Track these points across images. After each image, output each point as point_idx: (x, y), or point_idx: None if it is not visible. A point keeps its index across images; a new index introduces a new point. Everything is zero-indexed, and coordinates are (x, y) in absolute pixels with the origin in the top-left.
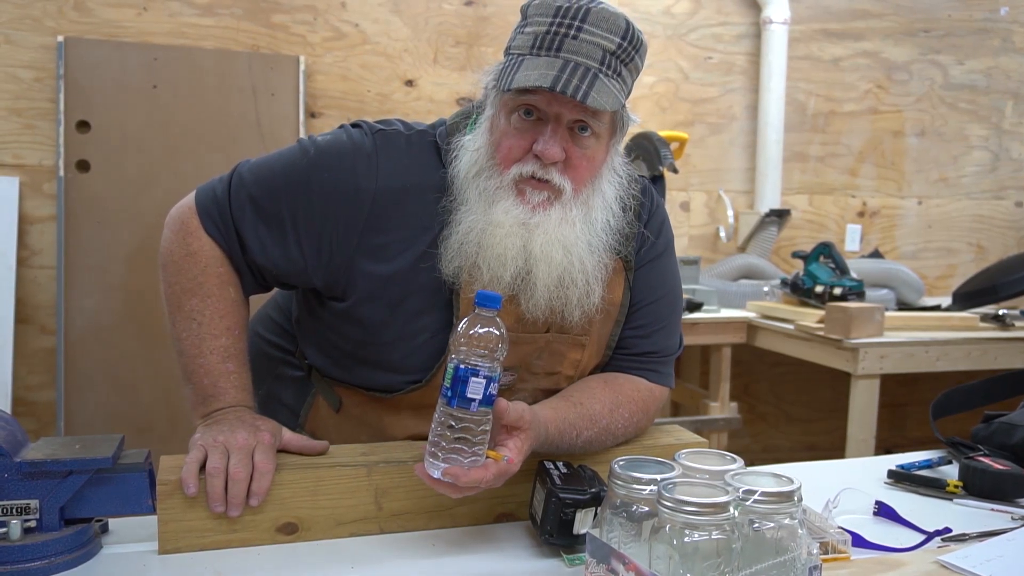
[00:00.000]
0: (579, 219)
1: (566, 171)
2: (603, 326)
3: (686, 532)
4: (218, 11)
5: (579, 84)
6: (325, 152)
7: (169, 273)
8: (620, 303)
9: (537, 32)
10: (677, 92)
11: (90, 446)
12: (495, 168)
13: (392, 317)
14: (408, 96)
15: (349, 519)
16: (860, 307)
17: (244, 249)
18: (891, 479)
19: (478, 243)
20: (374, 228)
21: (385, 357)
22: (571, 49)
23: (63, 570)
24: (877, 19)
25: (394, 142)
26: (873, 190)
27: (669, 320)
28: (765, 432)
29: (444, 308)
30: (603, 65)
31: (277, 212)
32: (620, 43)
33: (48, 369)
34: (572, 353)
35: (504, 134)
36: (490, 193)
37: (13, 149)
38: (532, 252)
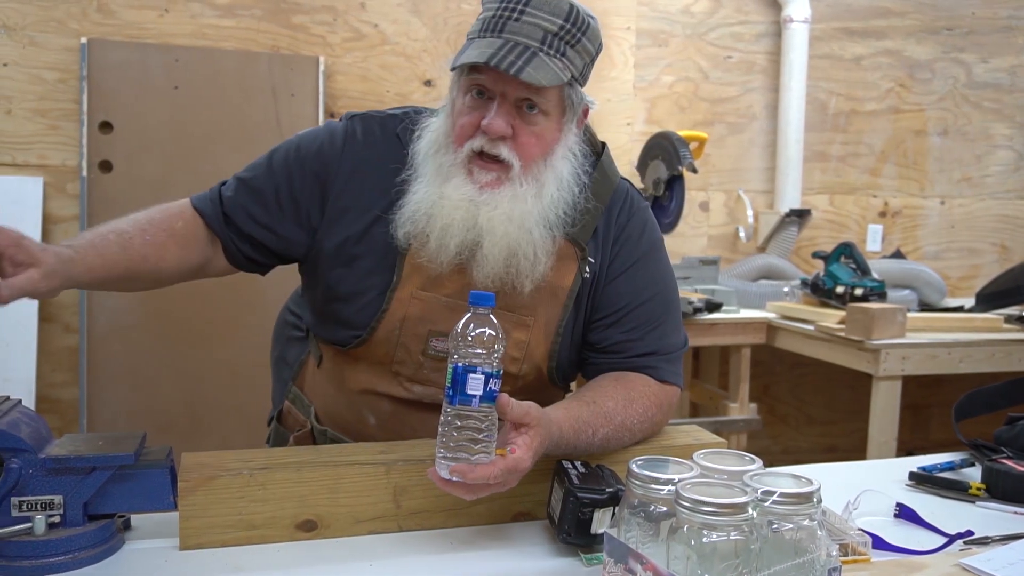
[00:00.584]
0: (530, 195)
1: (515, 147)
2: (550, 309)
3: (704, 532)
4: (238, 12)
5: (514, 60)
6: (303, 138)
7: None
8: (569, 288)
9: (486, 17)
10: (696, 91)
11: (113, 443)
12: (451, 145)
13: (346, 275)
14: (427, 96)
15: (368, 517)
16: (882, 308)
17: (233, 225)
18: (912, 481)
19: (427, 213)
20: (337, 195)
21: (341, 312)
22: (512, 30)
23: (86, 565)
24: (899, 17)
25: (364, 122)
26: (895, 190)
27: (664, 320)
28: (785, 433)
29: (389, 270)
30: (543, 44)
31: (261, 189)
32: (563, 24)
33: (71, 367)
34: (516, 332)
35: (459, 113)
36: (445, 169)
37: (38, 150)
38: (480, 224)
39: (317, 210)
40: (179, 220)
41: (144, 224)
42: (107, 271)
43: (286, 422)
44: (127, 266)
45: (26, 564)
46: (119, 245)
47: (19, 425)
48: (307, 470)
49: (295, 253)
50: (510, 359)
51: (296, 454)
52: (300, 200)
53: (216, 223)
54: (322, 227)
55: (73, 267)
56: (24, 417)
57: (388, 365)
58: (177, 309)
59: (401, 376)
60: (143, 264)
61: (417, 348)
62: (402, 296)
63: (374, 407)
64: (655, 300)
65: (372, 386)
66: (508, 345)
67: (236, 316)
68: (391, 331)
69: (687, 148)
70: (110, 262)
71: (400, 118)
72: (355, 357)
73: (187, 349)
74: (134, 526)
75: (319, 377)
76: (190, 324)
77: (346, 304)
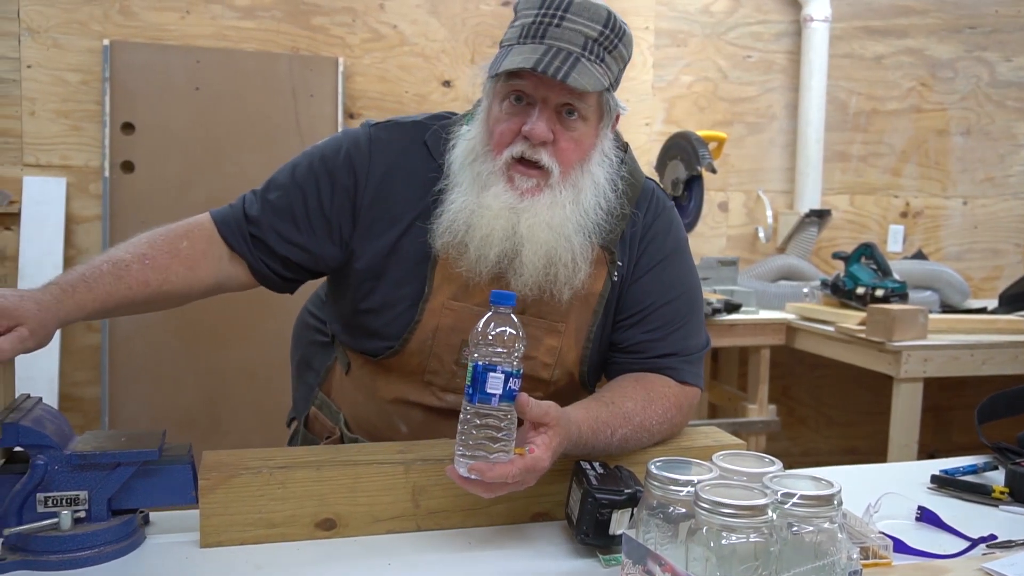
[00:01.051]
0: (568, 201)
1: (555, 153)
2: (581, 315)
3: (723, 534)
4: (259, 14)
5: (560, 66)
6: (325, 149)
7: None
8: (600, 294)
9: (524, 23)
10: (715, 91)
11: (135, 439)
12: (489, 153)
13: (376, 287)
14: (446, 96)
15: (386, 516)
16: (903, 309)
17: (262, 245)
18: (934, 484)
19: (467, 223)
20: (367, 208)
21: (371, 323)
22: (554, 36)
23: (111, 559)
24: (921, 16)
25: (388, 131)
26: (917, 190)
27: (687, 320)
28: (804, 435)
29: (420, 281)
30: (585, 50)
31: (290, 207)
32: (602, 31)
33: (94, 366)
34: (548, 339)
35: (497, 120)
36: (483, 178)
37: (61, 150)
38: (519, 233)
39: (348, 223)
40: (184, 240)
41: (144, 248)
42: (100, 304)
43: (313, 428)
44: (125, 294)
45: (53, 558)
46: (113, 276)
47: (43, 422)
48: (326, 469)
49: (328, 267)
50: (542, 365)
51: (315, 453)
52: (331, 215)
53: (241, 244)
54: (354, 240)
55: (61, 308)
56: (47, 414)
57: (420, 375)
58: (197, 309)
59: (434, 386)
60: (144, 289)
61: (450, 358)
62: (434, 307)
63: (406, 416)
64: (679, 300)
65: (404, 395)
66: (540, 352)
67: (256, 316)
68: (424, 342)
69: (706, 148)
70: (103, 295)
71: (427, 125)
72: (386, 367)
73: (207, 349)
74: (154, 522)
75: (347, 384)
76: (211, 324)
77: (377, 316)
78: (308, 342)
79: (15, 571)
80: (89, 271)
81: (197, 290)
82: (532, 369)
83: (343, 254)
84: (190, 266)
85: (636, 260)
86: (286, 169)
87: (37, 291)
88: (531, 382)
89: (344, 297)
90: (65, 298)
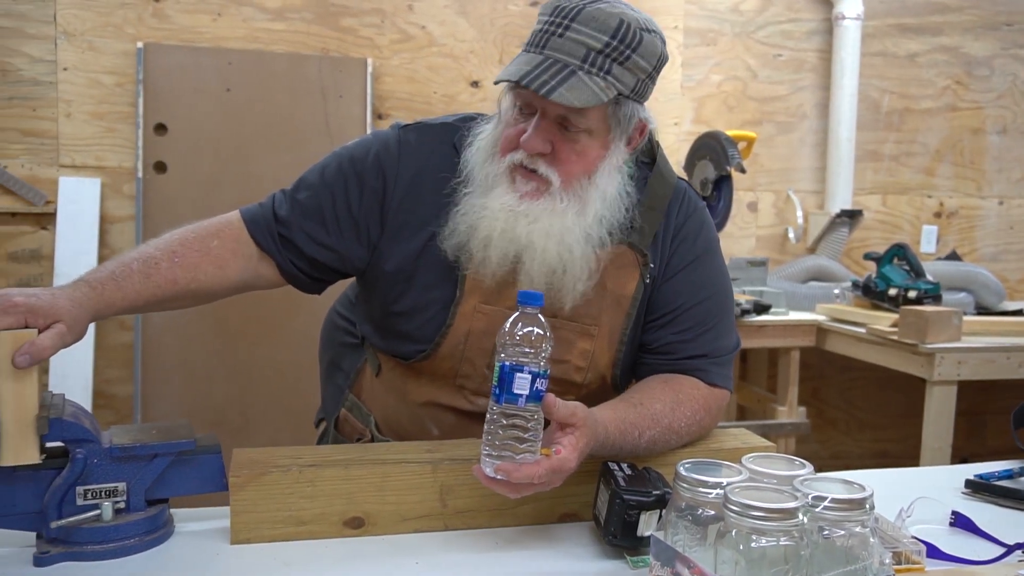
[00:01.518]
0: (571, 211)
1: (553, 164)
2: (614, 317)
3: (753, 537)
4: (289, 16)
5: (548, 80)
6: (354, 151)
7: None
8: (632, 296)
9: (535, 30)
10: (745, 90)
11: (165, 431)
12: (496, 156)
13: (406, 290)
14: (474, 97)
15: (414, 515)
16: (937, 311)
17: (291, 246)
18: (969, 489)
19: (470, 225)
20: (396, 211)
21: (402, 326)
22: (554, 47)
23: (150, 547)
24: (956, 13)
25: (417, 134)
26: (951, 190)
27: (717, 322)
28: (834, 438)
29: (451, 284)
30: (585, 62)
31: (319, 208)
32: (608, 41)
33: (126, 364)
34: (581, 342)
35: (506, 125)
36: (490, 179)
37: (95, 151)
38: (518, 238)
39: (376, 225)
40: (215, 239)
41: (175, 246)
42: (129, 303)
43: (343, 430)
44: (153, 293)
45: (96, 549)
46: (142, 274)
47: (81, 416)
48: (355, 468)
49: (355, 269)
50: (575, 368)
51: (344, 452)
52: (359, 217)
53: (271, 245)
54: (382, 243)
55: (92, 305)
56: (79, 409)
57: (452, 378)
58: (228, 308)
59: (466, 389)
60: (172, 287)
61: (482, 362)
62: (465, 311)
63: (437, 419)
64: (709, 301)
65: (436, 398)
66: (573, 355)
67: (285, 315)
68: (456, 346)
69: (735, 148)
70: (132, 294)
71: (456, 127)
72: (417, 369)
73: (238, 347)
74: (184, 518)
75: (378, 386)
76: (241, 323)
77: (408, 319)
78: (337, 343)
79: (60, 563)
80: (119, 269)
81: (225, 288)
82: (565, 373)
83: (370, 256)
84: (219, 265)
85: (667, 260)
86: (316, 169)
87: (68, 288)
88: (563, 385)
89: (374, 299)
90: (95, 296)
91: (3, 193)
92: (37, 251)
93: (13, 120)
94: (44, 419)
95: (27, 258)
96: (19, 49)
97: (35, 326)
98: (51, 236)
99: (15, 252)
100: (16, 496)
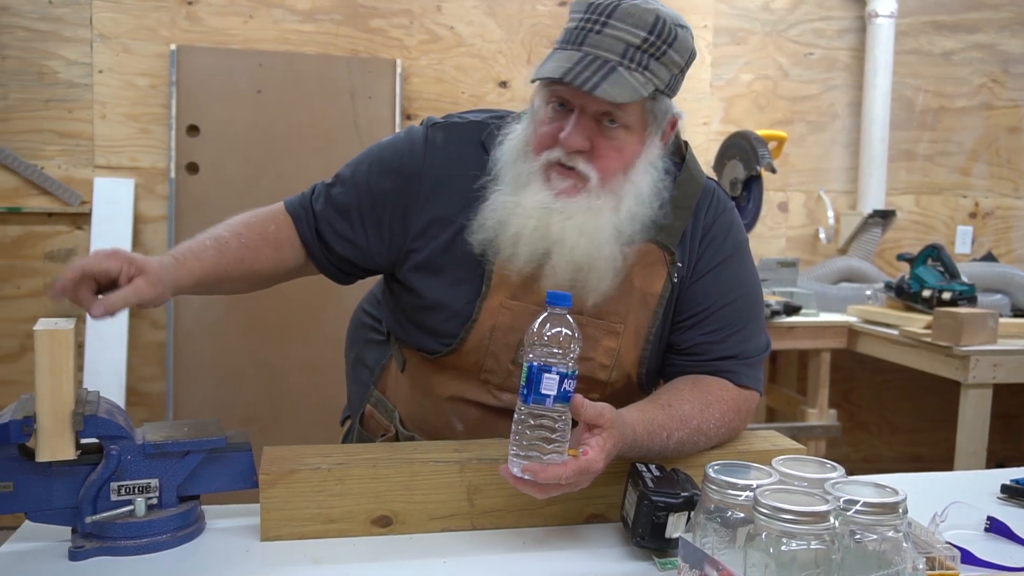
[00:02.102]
0: (607, 208)
1: (592, 160)
2: (640, 316)
3: (783, 540)
4: (319, 17)
5: (590, 76)
6: (384, 148)
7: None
8: (660, 295)
9: (569, 28)
10: (775, 90)
11: (196, 428)
12: (529, 154)
13: (433, 285)
14: (502, 97)
15: (441, 514)
16: (971, 312)
17: (324, 240)
18: (1005, 494)
19: (499, 221)
20: (423, 208)
21: (428, 321)
22: (593, 43)
23: (182, 543)
24: (993, 10)
25: (446, 131)
26: (986, 190)
27: (747, 323)
28: (866, 441)
29: (478, 280)
30: (624, 58)
31: (346, 204)
32: (646, 37)
33: (159, 362)
34: (606, 340)
35: (540, 123)
36: (523, 177)
37: (129, 152)
38: (550, 235)
39: (400, 224)
40: (272, 224)
41: (240, 228)
42: (206, 274)
43: (368, 426)
44: (225, 269)
45: (130, 544)
46: (216, 250)
47: (115, 413)
48: (383, 466)
49: (379, 266)
50: (599, 366)
51: (372, 450)
52: (382, 216)
53: (308, 234)
54: (408, 241)
55: (177, 272)
56: (112, 406)
57: (477, 373)
58: (259, 306)
59: (490, 384)
60: (239, 267)
61: (507, 357)
62: (491, 306)
63: (462, 414)
64: (739, 302)
65: (461, 393)
66: (598, 353)
67: (314, 314)
68: (481, 341)
69: (765, 147)
70: (208, 265)
71: (484, 125)
72: (442, 364)
73: (268, 345)
74: (214, 515)
75: (403, 382)
76: (271, 321)
77: (434, 313)
78: (363, 340)
79: (95, 557)
80: (196, 245)
81: (282, 271)
82: (590, 370)
83: (395, 255)
84: (277, 248)
85: (696, 261)
86: (351, 165)
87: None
88: (588, 383)
89: (401, 295)
90: (178, 264)
91: (40, 193)
92: (73, 250)
93: (50, 122)
94: (79, 416)
95: (63, 257)
96: (56, 52)
97: (129, 274)
98: (86, 236)
99: (51, 251)
100: (52, 491)
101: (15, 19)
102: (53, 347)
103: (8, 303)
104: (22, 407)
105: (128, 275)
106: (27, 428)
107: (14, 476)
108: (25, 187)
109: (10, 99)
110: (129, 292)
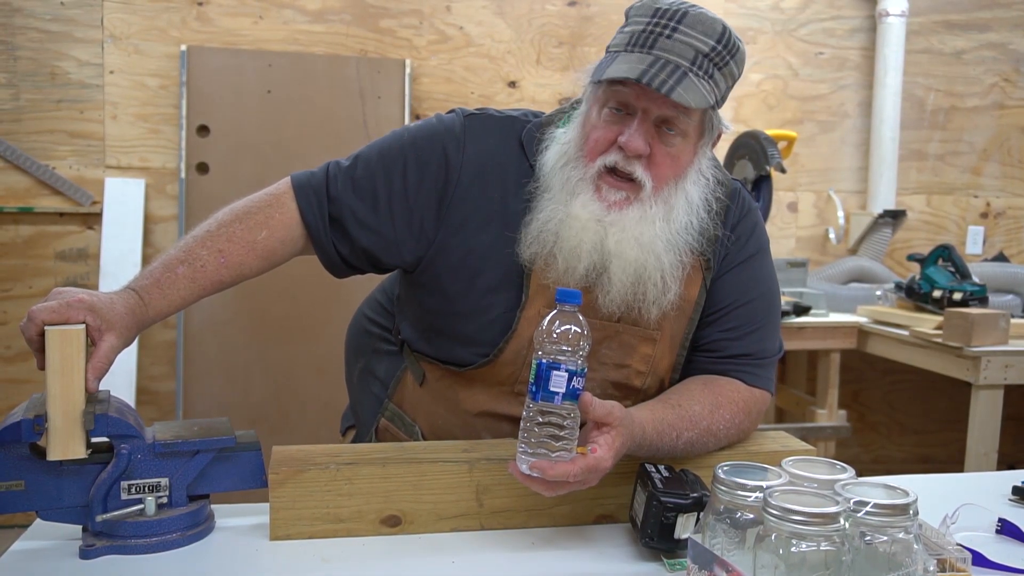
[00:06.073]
0: (659, 217)
1: (649, 167)
2: (676, 323)
3: (793, 542)
4: (328, 18)
5: (666, 79)
6: (417, 134)
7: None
8: (695, 301)
9: (634, 31)
10: (785, 89)
11: (206, 427)
12: (581, 159)
13: (468, 289)
14: (511, 97)
15: (450, 514)
16: (982, 313)
17: (338, 225)
18: (1016, 496)
19: (556, 233)
20: (457, 202)
21: (459, 329)
22: (664, 47)
23: (192, 542)
24: (1005, 8)
25: (483, 124)
26: (998, 190)
27: (764, 323)
28: (876, 442)
29: (516, 288)
30: (694, 65)
31: (373, 189)
32: (714, 46)
33: (169, 361)
34: (643, 347)
35: (594, 127)
36: (572, 184)
37: (140, 152)
38: (608, 248)
39: (433, 216)
40: (263, 230)
41: (222, 243)
42: (176, 308)
43: (384, 439)
44: (199, 294)
45: (140, 543)
46: (188, 279)
47: (125, 412)
48: (392, 466)
49: (403, 260)
50: (635, 373)
51: (381, 450)
52: (415, 205)
53: (317, 224)
54: (440, 235)
55: (142, 316)
56: (123, 405)
57: (511, 385)
58: (268, 306)
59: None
60: (218, 286)
61: None
62: (530, 315)
63: (493, 429)
64: (758, 302)
65: (492, 407)
66: (635, 359)
67: (324, 314)
68: (518, 352)
69: (775, 147)
70: (177, 300)
71: (523, 122)
72: (469, 378)
73: (276, 346)
74: (224, 514)
75: (424, 396)
76: (280, 321)
77: (466, 321)
78: (371, 350)
79: (105, 556)
80: (165, 276)
81: (271, 268)
82: (626, 377)
83: (424, 249)
84: (265, 256)
85: (720, 259)
86: (374, 147)
87: (120, 295)
88: (624, 390)
89: (424, 298)
90: (141, 309)
91: (51, 193)
92: (84, 250)
93: (61, 122)
94: (90, 415)
95: (74, 257)
96: (68, 53)
97: (93, 325)
98: (97, 236)
99: (63, 251)
100: (63, 490)
101: (27, 20)
102: (64, 346)
103: (20, 302)
104: (33, 406)
105: (97, 328)
106: (38, 427)
107: (25, 475)
108: (37, 187)
109: (22, 100)
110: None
